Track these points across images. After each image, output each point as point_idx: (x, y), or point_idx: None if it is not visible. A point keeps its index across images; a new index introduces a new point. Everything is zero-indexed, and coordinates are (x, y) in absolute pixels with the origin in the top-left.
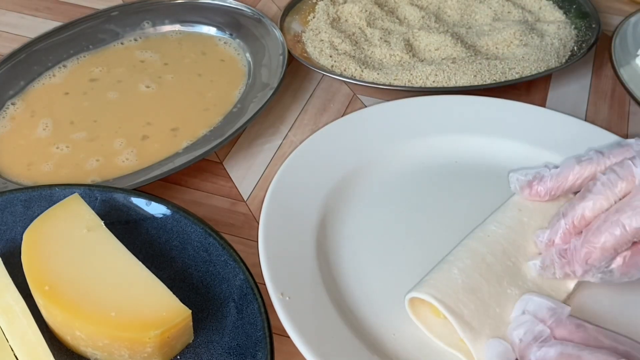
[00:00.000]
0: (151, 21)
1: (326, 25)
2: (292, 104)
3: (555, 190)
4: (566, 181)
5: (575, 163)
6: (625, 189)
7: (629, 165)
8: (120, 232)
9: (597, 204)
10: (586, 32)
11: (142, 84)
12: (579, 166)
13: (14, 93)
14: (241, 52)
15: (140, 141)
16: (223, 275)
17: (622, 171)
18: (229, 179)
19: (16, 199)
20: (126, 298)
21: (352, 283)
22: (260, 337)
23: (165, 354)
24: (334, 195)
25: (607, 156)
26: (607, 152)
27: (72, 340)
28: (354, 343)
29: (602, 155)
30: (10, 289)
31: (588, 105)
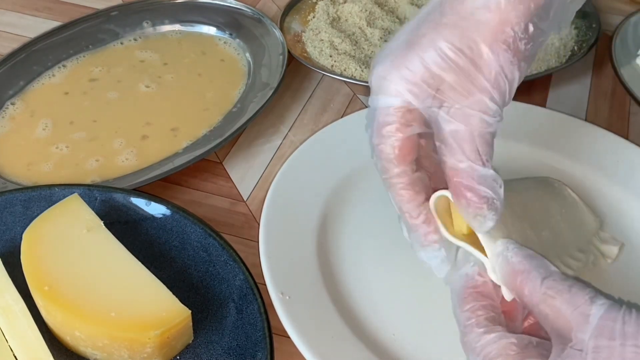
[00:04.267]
0: (151, 21)
1: (326, 25)
2: (292, 104)
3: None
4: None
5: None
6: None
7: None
8: (120, 232)
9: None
10: (586, 32)
11: (142, 84)
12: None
13: (14, 93)
14: (241, 52)
15: (140, 141)
16: (223, 276)
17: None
18: (229, 179)
19: (16, 199)
20: (126, 298)
21: (352, 283)
22: (260, 337)
23: (165, 354)
24: (334, 195)
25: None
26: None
27: (71, 340)
28: (354, 343)
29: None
30: (10, 289)
31: (588, 105)
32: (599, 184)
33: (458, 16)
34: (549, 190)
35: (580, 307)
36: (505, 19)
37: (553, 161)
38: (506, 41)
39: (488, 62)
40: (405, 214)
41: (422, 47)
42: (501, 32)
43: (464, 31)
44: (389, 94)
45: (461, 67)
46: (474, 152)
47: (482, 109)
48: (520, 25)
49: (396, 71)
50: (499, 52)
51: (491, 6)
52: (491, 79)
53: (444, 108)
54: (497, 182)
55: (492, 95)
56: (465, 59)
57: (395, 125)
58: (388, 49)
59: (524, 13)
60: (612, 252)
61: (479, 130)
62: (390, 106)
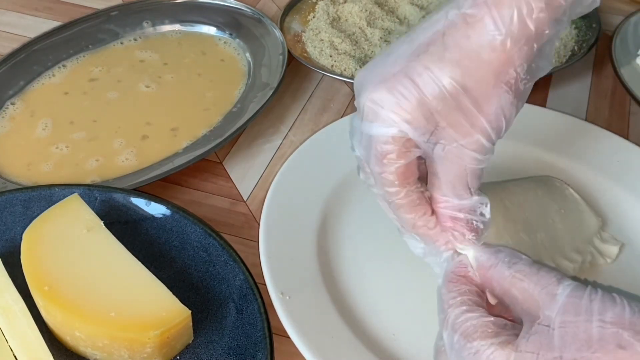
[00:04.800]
0: (151, 21)
1: (326, 25)
2: (292, 104)
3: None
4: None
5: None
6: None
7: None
8: (120, 232)
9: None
10: (586, 32)
11: (142, 84)
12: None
13: (14, 93)
14: (241, 52)
15: (140, 141)
16: (223, 276)
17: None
18: (229, 179)
19: (16, 199)
20: (126, 298)
21: (352, 283)
22: (260, 337)
23: (165, 354)
24: (334, 195)
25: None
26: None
27: (71, 340)
28: (354, 343)
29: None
30: (10, 289)
31: (588, 105)
32: (598, 184)
33: (462, 53)
34: (549, 190)
35: (548, 287)
36: (509, 60)
37: (553, 161)
38: (508, 82)
39: (489, 103)
40: (423, 228)
41: (423, 80)
42: (505, 73)
43: (467, 70)
44: (385, 122)
45: (462, 106)
46: (463, 187)
47: (478, 148)
48: (523, 66)
49: (393, 99)
50: (500, 94)
51: (497, 46)
52: (492, 120)
53: (439, 145)
54: (482, 203)
55: (489, 135)
56: (467, 98)
57: (396, 154)
58: (381, 72)
59: (527, 54)
60: (612, 252)
61: (471, 167)
62: (388, 135)
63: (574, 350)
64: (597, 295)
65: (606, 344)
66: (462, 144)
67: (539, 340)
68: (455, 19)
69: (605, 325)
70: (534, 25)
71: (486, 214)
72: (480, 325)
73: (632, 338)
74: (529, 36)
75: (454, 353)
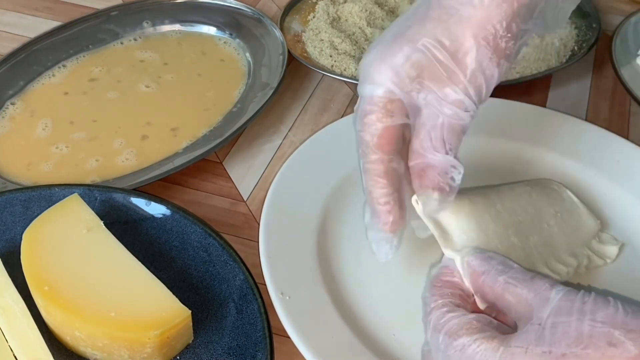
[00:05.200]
0: (151, 21)
1: (326, 25)
2: (292, 104)
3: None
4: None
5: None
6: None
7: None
8: (120, 232)
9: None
10: (586, 32)
11: (142, 84)
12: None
13: (14, 93)
14: (241, 52)
15: (140, 141)
16: (223, 276)
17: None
18: (229, 179)
19: (16, 199)
20: (126, 298)
21: (352, 283)
22: (260, 337)
23: (165, 355)
24: (334, 195)
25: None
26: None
27: (71, 340)
28: (354, 343)
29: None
30: (10, 289)
31: (588, 105)
32: (598, 184)
33: (443, 10)
34: (546, 193)
35: (541, 292)
36: (488, 16)
37: (553, 161)
38: (486, 38)
39: (467, 57)
40: (374, 199)
41: (406, 38)
42: (483, 28)
43: (447, 25)
44: (373, 82)
45: (440, 60)
46: (439, 140)
47: (456, 101)
48: (502, 23)
49: (381, 60)
50: (478, 48)
51: (475, 3)
52: (468, 73)
53: (421, 95)
54: (455, 167)
55: (467, 90)
56: (445, 52)
57: (377, 115)
58: (377, 41)
59: (506, 11)
60: (611, 253)
61: (449, 121)
62: (374, 95)
63: (563, 346)
64: (590, 297)
65: (596, 341)
66: (441, 95)
67: (529, 337)
68: None
69: (596, 324)
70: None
71: (456, 179)
72: (465, 322)
73: (623, 336)
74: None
75: (440, 354)
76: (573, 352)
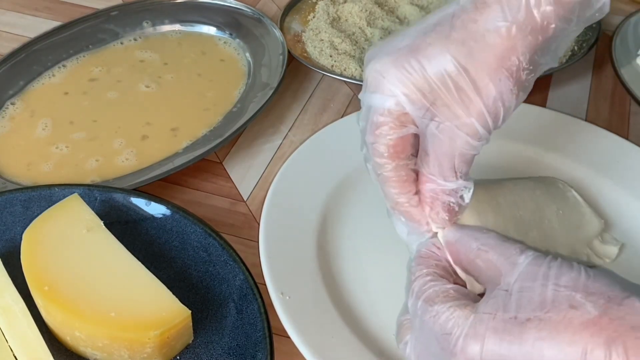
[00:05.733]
0: (151, 21)
1: (326, 24)
2: (292, 104)
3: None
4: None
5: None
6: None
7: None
8: (120, 232)
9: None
10: (586, 32)
11: (142, 84)
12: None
13: (14, 93)
14: (241, 52)
15: (140, 141)
16: (223, 276)
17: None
18: (229, 179)
19: (16, 199)
20: (126, 298)
21: (352, 283)
22: (260, 337)
23: (165, 355)
24: (334, 195)
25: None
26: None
27: (71, 340)
28: (354, 343)
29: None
30: (10, 289)
31: (588, 105)
32: (598, 184)
33: (468, 34)
34: (549, 190)
35: (511, 257)
36: (513, 47)
37: (553, 161)
38: (510, 69)
39: (488, 87)
40: (405, 205)
41: (427, 55)
42: (507, 59)
43: (471, 51)
44: (384, 93)
45: (460, 87)
46: (449, 169)
47: (471, 132)
48: (526, 55)
49: (395, 71)
50: (501, 79)
51: (502, 32)
52: (489, 104)
53: (434, 122)
54: (466, 187)
55: (485, 120)
56: (466, 79)
57: (390, 126)
58: (389, 48)
59: (531, 44)
60: (611, 253)
61: (462, 150)
62: (386, 107)
63: (528, 311)
64: (556, 262)
65: (559, 305)
66: (456, 124)
67: (497, 303)
68: (465, 3)
69: (559, 289)
70: (540, 17)
71: (466, 198)
72: (442, 290)
73: (584, 299)
74: (535, 27)
75: (417, 319)
76: (537, 317)
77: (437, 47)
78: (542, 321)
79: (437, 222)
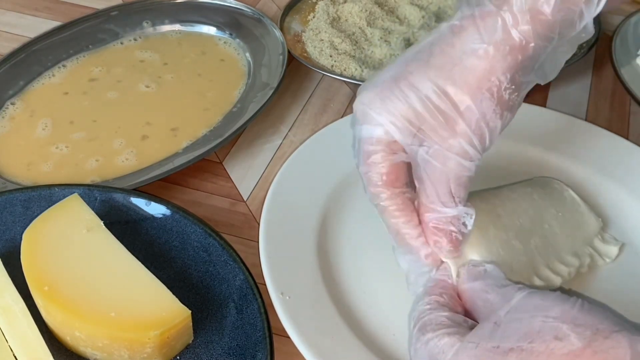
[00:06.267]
0: (151, 21)
1: (326, 25)
2: (292, 104)
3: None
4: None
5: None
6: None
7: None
8: (120, 232)
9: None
10: None
11: (142, 84)
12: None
13: (14, 93)
14: (241, 52)
15: (140, 141)
16: (223, 276)
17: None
18: (229, 179)
19: (15, 199)
20: (126, 298)
21: (352, 283)
22: (260, 337)
23: (165, 355)
24: (334, 195)
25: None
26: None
27: (71, 340)
28: (354, 343)
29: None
30: (10, 289)
31: (588, 105)
32: (598, 184)
33: (446, 59)
34: (547, 193)
35: (507, 295)
36: (492, 68)
37: (553, 161)
38: (490, 89)
39: (470, 108)
40: (406, 236)
41: (408, 84)
42: (487, 80)
43: (450, 74)
44: (372, 124)
45: (442, 110)
46: (446, 194)
47: (460, 152)
48: (506, 75)
49: (381, 103)
50: (482, 100)
51: (480, 53)
52: (472, 124)
53: (423, 147)
54: (467, 214)
55: (471, 140)
56: (447, 102)
57: (381, 154)
58: (375, 80)
59: (510, 64)
60: (612, 252)
61: (455, 173)
62: (374, 135)
63: (512, 341)
64: (552, 295)
65: (544, 335)
66: (445, 147)
67: (483, 333)
68: (444, 30)
69: (548, 320)
70: (518, 37)
71: (468, 225)
72: (436, 318)
73: (570, 330)
74: (513, 46)
75: (412, 347)
76: (519, 347)
77: (417, 74)
78: (524, 351)
79: (441, 255)
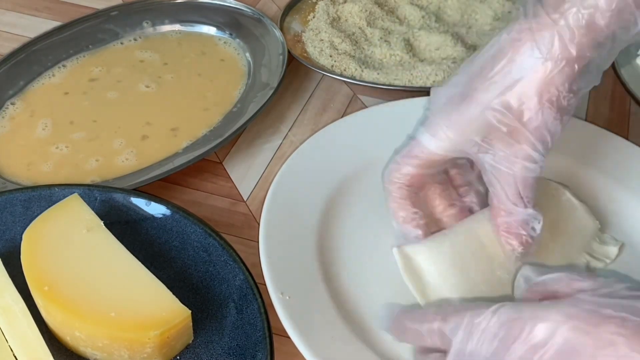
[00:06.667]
0: (151, 21)
1: (326, 25)
2: (292, 104)
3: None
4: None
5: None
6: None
7: None
8: (120, 232)
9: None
10: None
11: (142, 84)
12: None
13: (14, 93)
14: (241, 51)
15: (140, 141)
16: (223, 276)
17: None
18: (229, 179)
19: (16, 199)
20: (126, 298)
21: (352, 283)
22: (260, 337)
23: (165, 355)
24: (334, 195)
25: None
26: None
27: (71, 340)
28: (354, 343)
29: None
30: (10, 289)
31: (588, 105)
32: (598, 184)
33: (508, 75)
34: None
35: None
36: (551, 80)
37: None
38: (550, 99)
39: (532, 119)
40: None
41: (472, 101)
42: (547, 91)
43: (512, 90)
44: (430, 133)
45: (506, 122)
46: (515, 195)
47: (525, 157)
48: (564, 85)
49: (446, 116)
50: (543, 110)
51: (538, 68)
52: (534, 132)
53: (489, 155)
54: (536, 219)
55: (535, 146)
56: (511, 116)
57: (420, 162)
58: (446, 92)
59: (568, 74)
60: (611, 253)
61: (522, 175)
62: (426, 146)
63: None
64: (497, 317)
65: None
66: (509, 153)
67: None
68: (503, 43)
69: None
70: (576, 49)
71: (537, 229)
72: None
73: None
74: (570, 58)
75: None
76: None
77: (482, 91)
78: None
79: (512, 257)
